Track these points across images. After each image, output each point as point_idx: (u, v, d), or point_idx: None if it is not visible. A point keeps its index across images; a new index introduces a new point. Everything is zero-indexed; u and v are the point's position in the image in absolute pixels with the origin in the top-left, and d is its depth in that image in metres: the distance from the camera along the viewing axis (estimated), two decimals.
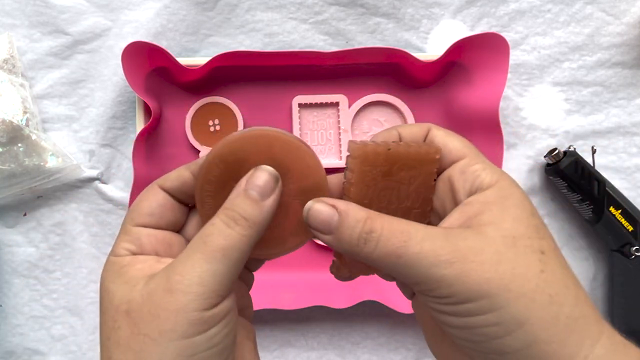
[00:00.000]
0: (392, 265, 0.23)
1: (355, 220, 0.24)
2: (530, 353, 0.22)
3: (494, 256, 0.23)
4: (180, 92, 0.57)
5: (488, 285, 0.22)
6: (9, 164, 0.54)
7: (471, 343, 0.24)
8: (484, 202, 0.24)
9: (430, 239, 0.23)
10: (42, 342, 0.57)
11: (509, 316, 0.22)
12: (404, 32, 0.57)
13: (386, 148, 0.26)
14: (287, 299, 0.55)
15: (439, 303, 0.23)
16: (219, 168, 0.26)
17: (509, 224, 0.24)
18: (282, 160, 0.26)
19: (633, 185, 0.58)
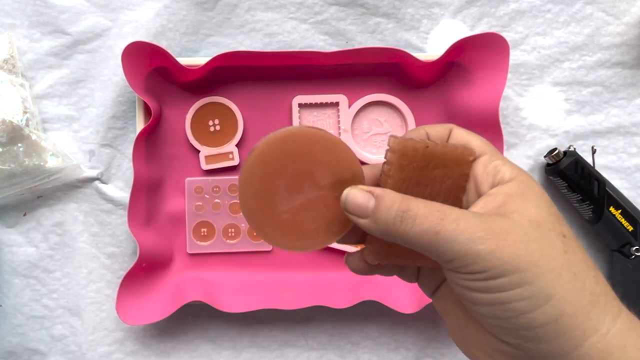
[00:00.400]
0: (429, 242, 0.25)
1: (391, 201, 0.25)
2: (557, 327, 0.24)
3: (523, 236, 0.24)
4: (180, 92, 0.57)
5: (519, 260, 0.24)
6: (9, 164, 0.54)
7: (499, 320, 0.25)
8: (507, 193, 0.26)
9: (464, 218, 0.25)
10: (42, 342, 0.57)
11: (538, 290, 0.23)
12: (404, 32, 0.57)
13: (424, 145, 0.27)
14: (287, 299, 0.55)
15: (472, 279, 0.24)
16: (263, 165, 0.27)
17: (532, 211, 0.25)
18: (320, 154, 0.27)
19: (633, 185, 0.58)
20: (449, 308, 0.30)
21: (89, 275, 0.57)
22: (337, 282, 0.56)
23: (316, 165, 0.27)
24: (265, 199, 0.27)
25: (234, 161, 0.57)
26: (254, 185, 0.27)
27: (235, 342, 0.57)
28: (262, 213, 0.27)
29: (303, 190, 0.27)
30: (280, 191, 0.27)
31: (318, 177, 0.27)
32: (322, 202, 0.28)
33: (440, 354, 0.57)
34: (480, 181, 0.27)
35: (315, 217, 0.28)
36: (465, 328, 0.28)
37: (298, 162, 0.27)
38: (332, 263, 0.57)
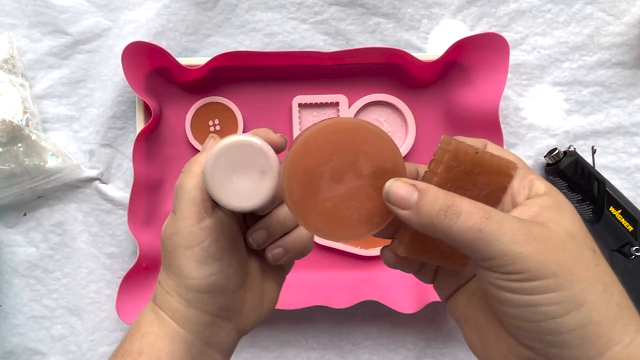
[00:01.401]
0: (472, 239, 0.25)
1: (436, 196, 0.26)
2: (583, 333, 0.24)
3: (560, 244, 0.25)
4: (180, 92, 0.57)
5: (557, 266, 0.24)
6: (9, 164, 0.54)
7: (527, 323, 0.25)
8: (542, 205, 0.27)
9: (508, 220, 0.25)
10: (42, 342, 0.57)
11: (570, 296, 0.24)
12: (404, 32, 0.57)
13: (475, 151, 0.28)
14: (287, 299, 0.55)
15: (508, 280, 0.25)
16: (308, 153, 0.27)
17: (567, 223, 0.26)
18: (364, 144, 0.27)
19: (633, 185, 0.58)
20: (468, 313, 0.30)
21: (89, 275, 0.57)
22: (337, 282, 0.56)
23: (359, 155, 0.28)
24: (309, 187, 0.28)
25: None
26: (298, 174, 0.27)
27: None
28: (306, 201, 0.28)
29: (345, 180, 0.28)
30: (324, 180, 0.28)
31: (361, 167, 0.28)
32: (364, 192, 0.28)
33: (440, 354, 0.57)
34: (517, 193, 0.28)
35: (357, 207, 0.28)
36: (484, 333, 0.29)
37: (341, 151, 0.27)
38: (332, 263, 0.57)
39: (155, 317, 0.33)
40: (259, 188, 0.29)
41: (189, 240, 0.31)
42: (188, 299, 0.32)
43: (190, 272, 0.31)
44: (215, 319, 0.33)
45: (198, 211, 0.31)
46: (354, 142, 0.27)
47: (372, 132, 0.28)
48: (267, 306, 0.36)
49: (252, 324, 0.35)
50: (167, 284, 0.33)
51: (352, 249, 0.57)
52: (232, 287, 0.33)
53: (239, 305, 0.34)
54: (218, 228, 0.32)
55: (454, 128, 0.57)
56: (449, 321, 0.58)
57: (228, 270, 0.32)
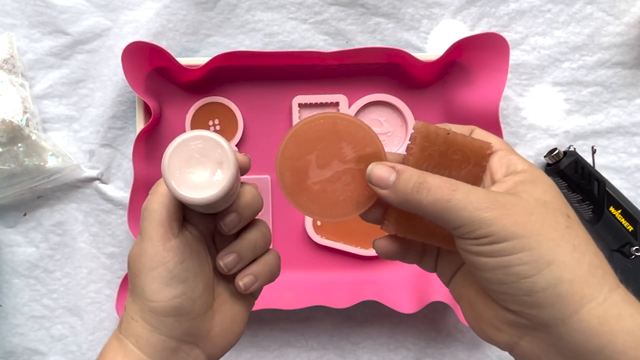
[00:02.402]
0: (440, 209, 0.27)
1: (410, 174, 0.29)
2: (556, 292, 0.25)
3: (527, 209, 0.27)
4: (180, 92, 0.57)
5: (522, 228, 0.26)
6: (9, 164, 0.53)
7: (504, 285, 0.27)
8: (518, 180, 0.29)
9: (474, 191, 0.27)
10: (42, 342, 0.57)
11: (538, 255, 0.26)
12: (404, 32, 0.57)
13: (446, 132, 0.30)
14: (287, 299, 0.55)
15: (478, 244, 0.27)
16: (296, 144, 0.31)
17: (539, 193, 0.28)
18: (345, 133, 0.31)
19: (633, 185, 0.58)
20: (463, 291, 0.32)
21: (89, 275, 0.57)
22: (337, 282, 0.56)
23: (342, 144, 0.31)
24: (299, 173, 0.31)
25: None
26: (289, 162, 0.31)
27: None
28: (297, 185, 0.31)
29: (331, 166, 0.31)
30: (312, 166, 0.31)
31: (345, 153, 0.31)
32: (350, 175, 0.31)
33: (440, 354, 0.57)
34: (495, 170, 0.30)
35: (344, 189, 0.31)
36: (475, 306, 0.31)
37: (326, 140, 0.31)
38: (332, 263, 0.57)
39: (119, 346, 0.32)
40: (215, 179, 0.30)
41: (154, 262, 0.31)
42: (152, 324, 0.32)
43: (154, 294, 0.31)
44: (180, 344, 0.32)
45: (164, 232, 0.31)
46: (337, 133, 0.31)
47: (353, 123, 0.31)
48: (238, 329, 0.36)
49: (222, 349, 0.35)
50: (131, 309, 0.32)
51: (352, 249, 0.57)
52: (198, 311, 0.33)
53: (206, 329, 0.34)
54: (184, 249, 0.32)
55: None
56: (449, 321, 0.58)
57: (193, 293, 0.32)
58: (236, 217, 0.33)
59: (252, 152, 0.57)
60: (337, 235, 0.57)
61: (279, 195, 0.57)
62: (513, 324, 0.28)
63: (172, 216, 0.32)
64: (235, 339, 0.35)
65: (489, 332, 0.30)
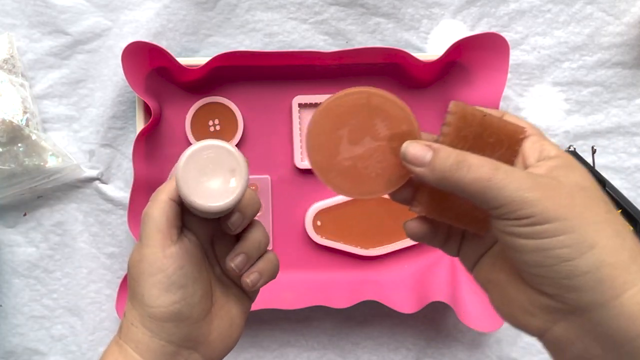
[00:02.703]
0: (481, 188, 0.27)
1: (448, 153, 0.28)
2: (597, 275, 0.25)
3: (569, 192, 0.26)
4: (180, 92, 0.57)
5: (565, 210, 0.25)
6: (9, 164, 0.54)
7: (543, 268, 0.26)
8: (552, 166, 0.28)
9: (516, 171, 0.27)
10: (42, 342, 0.57)
11: (581, 239, 0.25)
12: (404, 32, 0.57)
13: (482, 114, 0.30)
14: (287, 299, 0.55)
15: (519, 225, 0.26)
16: (327, 119, 0.30)
17: (577, 177, 0.28)
18: (379, 109, 0.30)
19: (633, 185, 0.58)
20: (491, 276, 0.31)
21: (89, 275, 0.57)
22: (337, 282, 0.56)
23: (376, 119, 0.30)
24: (330, 148, 0.30)
25: None
26: (320, 136, 0.30)
27: None
28: (327, 161, 0.30)
29: (364, 142, 0.30)
30: (343, 141, 0.30)
31: (378, 129, 0.30)
32: (382, 152, 0.30)
33: (440, 354, 0.57)
34: (527, 155, 0.30)
35: (376, 166, 0.30)
36: (505, 291, 0.30)
37: (359, 115, 0.30)
38: (332, 263, 0.57)
39: (119, 352, 0.33)
40: (229, 187, 0.30)
41: (153, 268, 0.32)
42: (152, 329, 0.32)
43: (153, 300, 0.32)
44: (180, 349, 0.33)
45: (163, 238, 0.32)
46: (370, 108, 0.30)
47: (388, 99, 0.30)
48: (235, 334, 0.36)
49: (220, 353, 0.35)
50: (131, 315, 0.33)
51: (352, 249, 0.57)
52: (196, 316, 0.33)
53: (205, 334, 0.34)
54: (183, 255, 0.32)
55: None
56: (449, 321, 0.58)
57: (192, 299, 0.33)
58: (240, 216, 0.33)
59: (252, 152, 0.57)
60: (337, 235, 0.57)
61: (279, 195, 0.57)
62: (548, 309, 0.27)
63: (172, 223, 0.33)
64: (233, 343, 0.36)
65: (520, 317, 0.29)
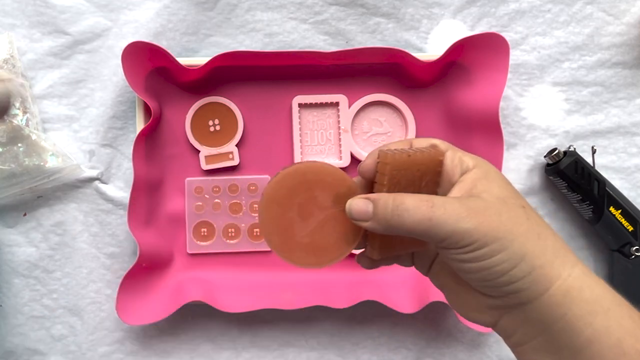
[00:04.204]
0: (425, 228, 0.30)
1: (386, 201, 0.31)
2: (531, 278, 0.29)
3: (496, 211, 0.30)
4: (180, 92, 0.57)
5: (497, 231, 0.29)
6: (9, 164, 0.54)
7: (487, 282, 0.30)
8: (474, 178, 0.32)
9: (449, 203, 0.30)
10: (42, 342, 0.57)
11: (513, 252, 0.29)
12: (404, 32, 0.57)
13: (407, 155, 0.32)
14: (287, 299, 0.55)
15: (462, 253, 0.30)
16: (274, 205, 0.32)
17: (496, 190, 0.31)
18: (315, 181, 0.33)
19: (633, 185, 0.58)
20: (444, 281, 0.35)
21: (89, 275, 0.57)
22: (337, 282, 0.56)
23: (316, 191, 0.33)
24: (285, 231, 0.33)
25: (234, 161, 0.57)
26: (273, 224, 0.33)
27: (235, 342, 0.57)
28: (287, 243, 0.33)
29: (313, 214, 0.33)
30: (295, 221, 0.33)
31: (321, 200, 0.33)
32: (332, 218, 0.33)
33: (440, 354, 0.57)
34: (451, 172, 0.33)
35: (331, 233, 0.33)
36: (458, 295, 0.34)
37: (300, 193, 0.32)
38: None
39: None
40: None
41: None
42: None
43: None
44: None
45: None
46: (308, 184, 0.32)
47: (319, 169, 0.33)
48: None
49: None
50: None
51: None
52: None
53: None
54: None
55: (454, 128, 0.57)
56: (449, 321, 0.58)
57: None
58: None
59: (252, 152, 0.57)
60: None
61: None
62: (493, 307, 0.32)
63: None
64: None
65: (472, 315, 0.33)
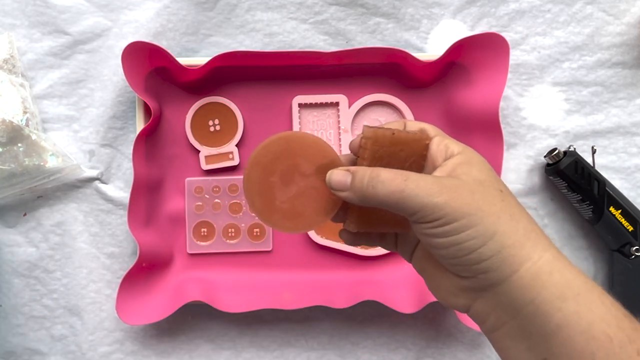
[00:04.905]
0: (397, 200, 0.30)
1: (363, 172, 0.32)
2: (500, 257, 0.30)
3: (469, 190, 0.31)
4: (180, 92, 0.57)
5: (468, 207, 0.30)
6: (9, 164, 0.54)
7: (457, 259, 0.30)
8: (456, 163, 0.33)
9: (423, 179, 0.31)
10: (42, 342, 0.57)
11: (483, 230, 0.30)
12: (404, 32, 0.57)
13: (391, 132, 0.33)
14: (287, 299, 0.55)
15: (433, 227, 0.30)
16: (258, 169, 0.34)
17: (475, 173, 0.32)
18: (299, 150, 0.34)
19: (633, 185, 0.58)
20: (423, 265, 0.36)
21: (89, 275, 0.57)
22: (337, 282, 0.56)
23: (299, 159, 0.34)
24: (267, 195, 0.34)
25: (234, 161, 0.57)
26: (255, 186, 0.34)
27: (235, 342, 0.57)
28: (267, 207, 0.34)
29: (295, 182, 0.34)
30: (277, 186, 0.34)
31: (303, 168, 0.34)
32: (312, 187, 0.34)
33: (440, 354, 0.57)
34: (435, 157, 0.34)
35: (310, 201, 0.34)
36: (435, 277, 0.34)
37: (284, 160, 0.34)
38: (332, 263, 0.57)
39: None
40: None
41: None
42: None
43: None
44: None
45: None
46: (292, 152, 0.34)
47: (304, 139, 0.34)
48: None
49: None
50: None
51: (352, 249, 0.57)
52: None
53: None
54: None
55: (454, 128, 0.57)
56: (449, 321, 0.58)
57: None
58: None
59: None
60: (337, 235, 0.57)
61: None
62: (466, 289, 0.32)
63: None
64: None
65: (448, 299, 0.33)
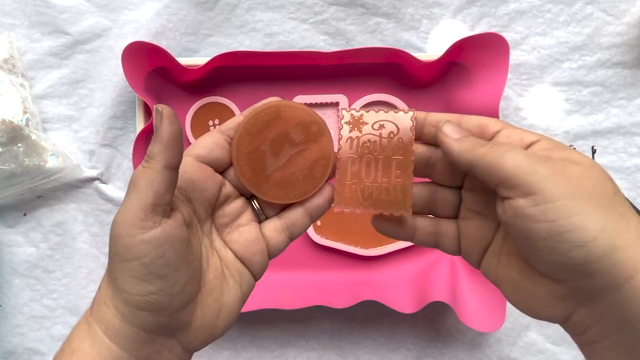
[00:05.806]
0: (494, 160, 0.27)
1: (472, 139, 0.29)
2: (611, 259, 0.25)
3: (578, 172, 0.26)
4: (180, 92, 0.57)
5: (574, 189, 0.25)
6: (9, 164, 0.54)
7: (558, 255, 0.25)
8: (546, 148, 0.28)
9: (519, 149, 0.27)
10: (42, 342, 0.57)
11: (591, 221, 0.25)
12: (404, 32, 0.57)
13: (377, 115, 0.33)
14: (287, 299, 0.55)
15: (531, 204, 0.26)
16: (248, 138, 0.33)
17: (577, 156, 0.27)
18: (289, 119, 0.33)
19: (633, 185, 0.58)
20: (502, 272, 0.31)
21: (89, 275, 0.57)
22: (337, 282, 0.56)
23: (289, 128, 0.33)
24: (257, 163, 0.33)
25: None
26: (245, 156, 0.33)
27: (235, 342, 0.57)
28: (257, 175, 0.33)
29: (285, 150, 0.34)
30: (267, 154, 0.33)
31: (293, 137, 0.34)
32: (302, 155, 0.34)
33: (440, 354, 0.57)
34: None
35: (301, 169, 0.34)
36: (521, 285, 0.29)
37: (274, 129, 0.33)
38: (332, 263, 0.57)
39: (88, 332, 0.29)
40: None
41: (127, 254, 0.27)
42: (124, 314, 0.28)
43: (127, 287, 0.27)
44: (154, 337, 0.29)
45: (143, 218, 0.27)
46: (282, 120, 0.33)
47: (294, 107, 0.33)
48: (223, 323, 0.32)
49: (202, 342, 0.31)
50: (105, 292, 0.29)
51: (352, 249, 0.57)
52: (176, 307, 0.29)
53: (186, 322, 0.30)
54: (165, 241, 0.28)
55: None
56: (449, 321, 0.58)
57: (172, 289, 0.28)
58: None
59: None
60: (337, 235, 0.57)
61: None
62: (566, 297, 0.27)
63: (159, 199, 0.27)
64: (221, 331, 0.32)
65: (540, 310, 0.28)
